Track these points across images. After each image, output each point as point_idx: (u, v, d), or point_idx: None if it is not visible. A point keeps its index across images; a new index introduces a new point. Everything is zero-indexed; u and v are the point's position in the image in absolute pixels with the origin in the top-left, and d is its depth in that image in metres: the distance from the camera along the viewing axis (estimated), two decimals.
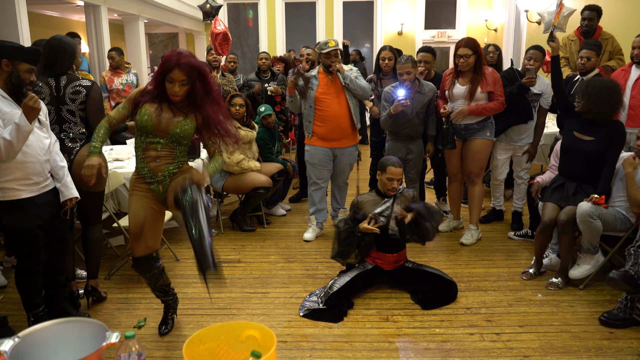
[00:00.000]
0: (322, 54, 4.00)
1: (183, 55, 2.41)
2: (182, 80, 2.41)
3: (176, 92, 2.44)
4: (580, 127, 3.47)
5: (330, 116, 4.08)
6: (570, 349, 2.64)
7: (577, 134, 3.48)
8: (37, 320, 2.67)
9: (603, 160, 3.35)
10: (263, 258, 3.92)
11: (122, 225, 3.47)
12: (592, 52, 4.06)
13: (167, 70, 2.41)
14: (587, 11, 4.68)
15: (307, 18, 11.46)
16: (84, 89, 2.94)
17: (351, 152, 4.26)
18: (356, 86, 4.03)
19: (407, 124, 4.08)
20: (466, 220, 4.40)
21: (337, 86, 4.07)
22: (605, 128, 3.37)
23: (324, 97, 4.06)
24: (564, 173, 3.53)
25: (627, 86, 3.89)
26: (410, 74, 3.94)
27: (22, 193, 2.54)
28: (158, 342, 2.74)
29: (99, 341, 1.89)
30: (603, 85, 3.35)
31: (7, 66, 2.45)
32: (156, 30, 12.38)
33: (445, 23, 11.34)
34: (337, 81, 4.06)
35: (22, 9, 5.11)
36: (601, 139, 3.35)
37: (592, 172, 3.38)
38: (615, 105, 3.37)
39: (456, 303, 3.14)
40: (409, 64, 3.92)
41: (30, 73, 2.52)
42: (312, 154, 4.19)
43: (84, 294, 3.14)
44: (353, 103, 4.12)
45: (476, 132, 3.99)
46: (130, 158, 4.24)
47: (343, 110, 4.09)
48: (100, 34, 7.08)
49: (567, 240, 3.29)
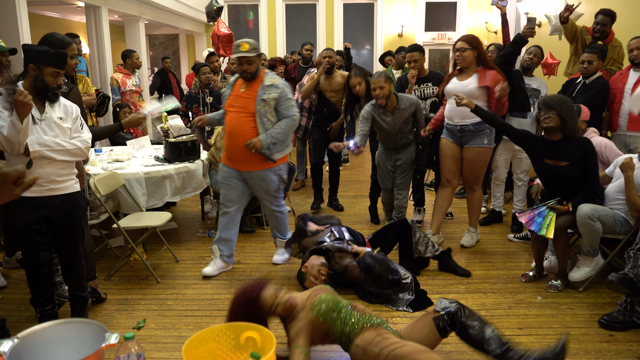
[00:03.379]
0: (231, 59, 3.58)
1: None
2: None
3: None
4: (550, 154, 3.29)
5: (229, 133, 3.50)
6: (570, 351, 2.63)
7: (549, 161, 3.30)
8: (42, 317, 2.71)
9: (584, 176, 3.24)
10: (263, 259, 3.92)
11: (122, 226, 3.47)
12: (594, 55, 4.07)
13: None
14: (601, 15, 4.52)
15: (308, 20, 11.48)
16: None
17: (262, 178, 3.54)
18: (278, 137, 3.46)
19: (391, 139, 4.09)
20: (465, 222, 4.39)
21: (245, 99, 3.45)
22: (575, 149, 3.22)
23: (229, 109, 3.52)
24: (551, 196, 3.37)
25: (626, 90, 3.89)
26: (384, 88, 3.82)
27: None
28: (157, 343, 2.74)
29: (99, 342, 1.89)
30: (564, 98, 3.30)
31: (33, 70, 2.50)
32: (156, 31, 12.39)
33: (445, 25, 11.35)
34: (249, 92, 3.45)
35: (22, 10, 5.12)
36: (576, 161, 3.21)
37: (577, 189, 3.26)
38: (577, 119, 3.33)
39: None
40: (381, 79, 3.82)
41: (55, 77, 2.53)
42: (220, 171, 3.73)
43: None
44: (265, 121, 3.42)
45: (473, 137, 3.84)
46: (130, 159, 4.25)
47: (244, 128, 3.42)
48: (100, 35, 7.09)
49: (561, 246, 3.29)
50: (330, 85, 4.97)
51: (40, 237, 2.63)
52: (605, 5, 4.96)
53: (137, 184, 3.83)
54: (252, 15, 11.71)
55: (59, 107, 2.63)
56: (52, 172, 2.57)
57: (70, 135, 2.65)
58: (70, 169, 2.70)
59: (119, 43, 10.67)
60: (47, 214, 2.61)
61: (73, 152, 2.63)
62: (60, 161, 2.60)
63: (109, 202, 3.81)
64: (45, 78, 2.51)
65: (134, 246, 3.58)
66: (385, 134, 4.05)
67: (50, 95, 2.55)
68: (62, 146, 2.57)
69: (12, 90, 2.30)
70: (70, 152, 2.62)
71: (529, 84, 4.23)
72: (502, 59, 4.00)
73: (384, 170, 4.22)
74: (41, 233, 2.62)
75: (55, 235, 2.69)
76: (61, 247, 2.74)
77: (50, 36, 2.90)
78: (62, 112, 2.63)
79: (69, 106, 2.69)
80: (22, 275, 3.62)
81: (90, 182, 3.33)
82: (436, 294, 3.28)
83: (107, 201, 3.74)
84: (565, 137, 3.27)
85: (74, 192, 2.71)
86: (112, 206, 3.82)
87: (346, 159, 7.53)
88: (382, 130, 4.02)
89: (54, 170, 2.58)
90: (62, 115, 2.62)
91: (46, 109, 2.57)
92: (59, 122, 2.59)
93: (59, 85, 2.57)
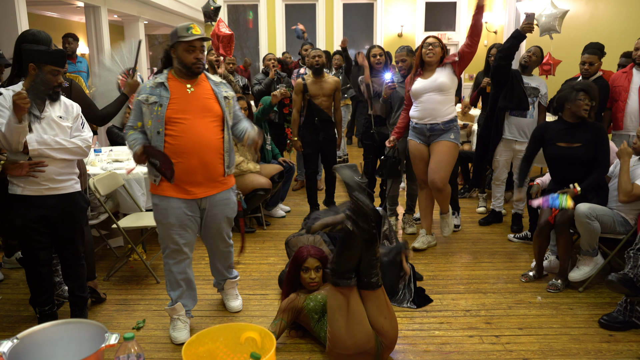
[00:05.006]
0: (182, 43, 2.56)
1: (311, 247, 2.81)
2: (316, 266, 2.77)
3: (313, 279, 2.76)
4: (563, 137, 3.40)
5: (190, 148, 2.59)
6: (570, 351, 2.63)
7: (561, 143, 3.41)
8: (42, 318, 2.71)
9: (594, 161, 3.32)
10: (262, 260, 3.92)
11: (121, 226, 3.47)
12: (594, 56, 4.06)
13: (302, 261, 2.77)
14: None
15: (307, 19, 11.47)
16: (63, 92, 2.84)
17: (228, 200, 2.81)
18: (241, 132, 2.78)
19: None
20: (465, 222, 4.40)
21: (203, 99, 2.65)
22: (589, 132, 3.34)
23: (179, 116, 2.58)
24: (559, 181, 3.46)
25: (632, 89, 3.88)
26: (406, 61, 4.17)
27: (18, 189, 2.55)
28: (157, 344, 2.73)
29: (98, 342, 1.89)
30: (590, 83, 3.48)
31: (33, 70, 2.50)
32: (156, 31, 12.39)
33: (445, 25, 11.35)
34: (202, 90, 2.67)
35: (22, 10, 5.12)
36: (588, 143, 3.32)
37: (587, 174, 3.34)
38: None
39: (456, 305, 3.14)
40: (403, 52, 4.17)
41: (55, 75, 2.54)
42: (163, 210, 2.66)
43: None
44: (230, 125, 2.75)
45: (441, 134, 3.80)
46: (130, 159, 4.24)
47: (213, 138, 2.66)
48: (100, 35, 7.09)
49: (564, 242, 3.29)
50: (322, 90, 4.53)
51: (40, 236, 2.62)
52: (605, 5, 4.93)
53: (136, 184, 3.83)
54: (251, 15, 11.71)
55: (59, 106, 2.63)
56: (51, 170, 2.57)
57: (71, 134, 2.64)
58: (71, 168, 2.69)
59: (118, 43, 10.64)
60: (46, 213, 2.60)
61: (73, 150, 2.62)
62: (60, 160, 2.59)
63: (109, 202, 3.81)
64: (44, 77, 2.51)
65: (133, 246, 3.58)
66: (397, 102, 4.20)
67: (51, 94, 2.55)
68: (61, 145, 2.57)
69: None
70: (70, 151, 2.61)
71: (527, 83, 4.23)
72: (500, 54, 4.01)
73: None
74: (40, 232, 2.62)
75: (54, 235, 2.68)
76: (61, 246, 2.73)
77: (30, 34, 2.79)
78: (62, 111, 2.63)
79: (69, 105, 2.69)
80: (21, 275, 3.61)
81: (89, 182, 3.33)
82: (436, 293, 3.28)
83: (106, 201, 3.74)
84: (582, 121, 3.36)
85: (74, 192, 2.71)
86: (112, 206, 3.82)
87: (346, 160, 7.53)
88: (393, 100, 4.19)
89: (54, 169, 2.58)
90: (62, 114, 2.62)
91: (46, 107, 2.57)
92: (58, 121, 2.59)
93: (59, 83, 2.58)
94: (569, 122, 3.40)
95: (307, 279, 2.76)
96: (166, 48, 2.65)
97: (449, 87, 3.75)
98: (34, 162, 2.50)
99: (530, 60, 4.29)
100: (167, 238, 2.71)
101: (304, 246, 2.89)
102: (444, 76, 3.74)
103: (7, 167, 2.48)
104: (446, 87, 3.73)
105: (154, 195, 2.69)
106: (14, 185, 2.56)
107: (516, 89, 4.10)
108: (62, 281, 3.08)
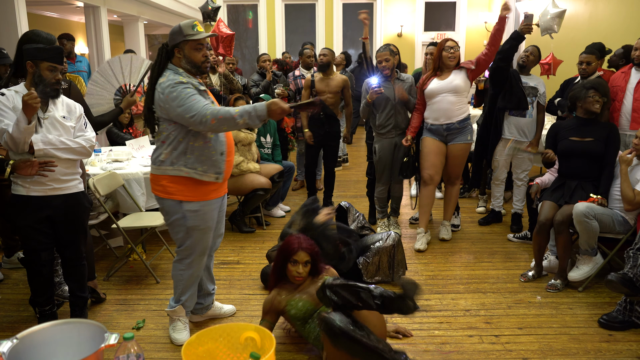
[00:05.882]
0: (190, 41, 2.47)
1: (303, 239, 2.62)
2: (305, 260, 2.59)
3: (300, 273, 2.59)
4: (577, 132, 3.53)
5: (230, 143, 2.65)
6: (570, 351, 2.64)
7: (574, 138, 3.52)
8: (41, 318, 2.71)
9: (603, 159, 3.42)
10: (262, 259, 3.92)
11: (121, 226, 3.47)
12: (592, 56, 4.06)
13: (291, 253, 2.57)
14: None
15: (307, 20, 11.48)
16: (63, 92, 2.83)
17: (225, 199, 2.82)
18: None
19: (392, 111, 4.08)
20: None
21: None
22: (602, 129, 3.47)
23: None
24: (565, 173, 3.56)
25: (628, 89, 3.89)
26: (389, 61, 4.03)
27: (22, 189, 2.54)
28: (157, 344, 2.73)
29: (98, 342, 1.89)
30: (600, 80, 3.61)
31: (31, 67, 2.51)
32: (156, 31, 12.39)
33: (444, 25, 11.36)
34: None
35: (21, 10, 5.12)
36: (600, 138, 3.44)
37: (594, 169, 3.44)
38: None
39: (455, 305, 3.14)
40: (386, 52, 4.03)
41: (52, 71, 2.54)
42: (204, 215, 2.58)
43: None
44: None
45: (458, 134, 3.98)
46: (130, 159, 4.24)
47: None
48: (99, 35, 7.10)
49: (563, 241, 3.30)
50: (328, 87, 4.81)
51: (42, 237, 2.62)
52: (605, 5, 4.93)
53: (136, 184, 3.83)
54: (251, 15, 11.71)
55: (62, 106, 2.63)
56: (56, 170, 2.57)
57: (74, 134, 2.65)
58: (74, 168, 2.69)
59: (118, 43, 10.66)
60: (50, 214, 2.61)
61: (77, 150, 2.63)
62: (65, 160, 2.59)
63: (108, 202, 3.81)
64: (42, 73, 2.51)
65: (133, 246, 3.58)
66: (385, 107, 4.09)
67: (49, 90, 2.54)
68: (66, 145, 2.57)
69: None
70: (75, 151, 2.62)
71: (526, 83, 4.23)
72: (499, 56, 4.02)
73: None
74: (43, 232, 2.62)
75: (57, 235, 2.68)
76: (63, 247, 2.73)
77: (32, 33, 2.82)
78: (65, 111, 2.64)
79: (72, 105, 2.69)
80: (21, 275, 3.61)
81: (89, 183, 3.33)
82: (436, 293, 3.28)
83: (106, 201, 3.74)
84: (596, 118, 3.50)
85: (78, 192, 2.71)
86: (112, 206, 3.82)
87: (346, 159, 7.53)
88: (380, 103, 4.08)
89: (59, 169, 2.58)
90: (65, 114, 2.62)
91: (49, 107, 2.57)
92: (62, 121, 2.59)
93: (57, 80, 2.57)
94: (582, 118, 3.52)
95: (293, 272, 2.57)
96: (166, 47, 2.52)
97: (464, 90, 3.92)
98: (43, 161, 2.50)
99: (528, 59, 4.29)
100: (200, 243, 2.61)
101: (294, 236, 2.66)
102: (460, 79, 3.90)
103: (17, 166, 2.47)
104: (461, 89, 3.90)
105: (194, 202, 2.52)
106: (18, 185, 2.55)
107: (515, 89, 4.12)
108: (62, 281, 3.08)
